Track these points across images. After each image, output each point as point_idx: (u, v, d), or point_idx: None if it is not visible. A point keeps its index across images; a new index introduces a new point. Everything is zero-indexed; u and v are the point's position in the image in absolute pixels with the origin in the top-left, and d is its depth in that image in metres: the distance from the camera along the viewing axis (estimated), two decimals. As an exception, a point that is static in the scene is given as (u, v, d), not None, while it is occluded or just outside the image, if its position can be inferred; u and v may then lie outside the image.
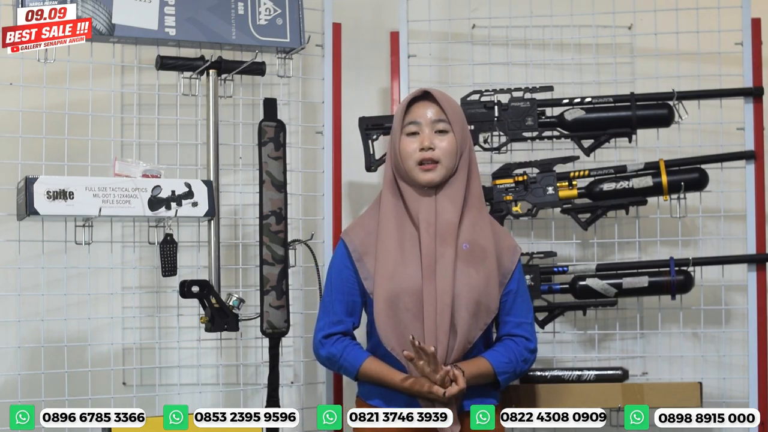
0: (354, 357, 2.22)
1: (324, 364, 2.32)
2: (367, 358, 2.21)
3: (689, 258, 2.68)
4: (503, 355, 2.23)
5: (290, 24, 2.58)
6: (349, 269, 2.25)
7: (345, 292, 2.25)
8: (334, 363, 2.25)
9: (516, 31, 2.93)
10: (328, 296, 2.28)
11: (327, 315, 2.27)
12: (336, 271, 2.27)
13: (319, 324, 2.29)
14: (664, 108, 2.68)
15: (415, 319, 2.16)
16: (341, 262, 2.27)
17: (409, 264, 2.19)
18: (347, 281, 2.25)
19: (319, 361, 2.31)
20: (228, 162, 2.69)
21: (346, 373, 2.26)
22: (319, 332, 2.27)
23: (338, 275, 2.26)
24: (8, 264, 2.56)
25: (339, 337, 2.25)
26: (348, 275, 2.25)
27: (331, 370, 2.34)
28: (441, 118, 2.23)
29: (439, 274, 2.16)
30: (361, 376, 2.23)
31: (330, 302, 2.27)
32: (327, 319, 2.26)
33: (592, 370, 2.65)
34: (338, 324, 2.25)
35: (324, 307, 2.29)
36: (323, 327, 2.27)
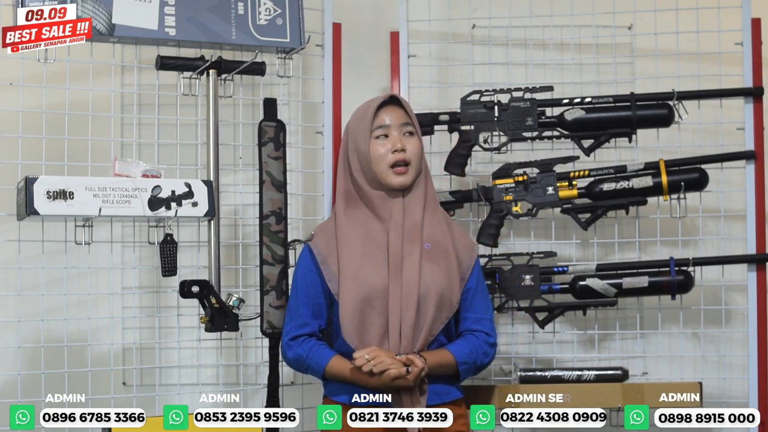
0: (320, 356, 2.26)
1: (292, 367, 2.35)
2: (333, 357, 2.25)
3: (689, 258, 2.68)
4: (464, 347, 2.29)
5: (290, 24, 2.58)
6: (314, 272, 2.29)
7: (310, 295, 2.29)
8: (302, 364, 2.29)
9: (516, 31, 2.93)
10: (294, 300, 2.32)
11: (293, 318, 2.31)
12: (301, 275, 2.32)
13: (285, 328, 2.34)
14: (664, 108, 2.68)
15: (380, 315, 2.22)
16: (306, 266, 2.31)
17: (373, 263, 2.24)
18: (312, 284, 2.29)
19: (287, 364, 2.35)
20: (228, 162, 2.69)
21: (313, 372, 2.29)
22: (286, 336, 2.32)
23: (303, 279, 2.31)
24: (8, 264, 2.55)
25: (305, 338, 2.29)
26: (312, 278, 2.29)
27: (298, 371, 2.36)
28: (407, 121, 2.31)
29: (406, 271, 2.23)
30: (327, 375, 2.26)
31: (296, 306, 2.31)
32: (293, 323, 2.31)
33: (592, 370, 2.65)
34: (304, 326, 2.29)
35: (290, 311, 2.34)
36: (289, 330, 2.31)
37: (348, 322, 2.22)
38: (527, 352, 2.85)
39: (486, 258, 2.68)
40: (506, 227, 2.82)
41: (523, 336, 2.85)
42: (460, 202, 2.72)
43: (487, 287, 2.42)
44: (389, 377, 2.14)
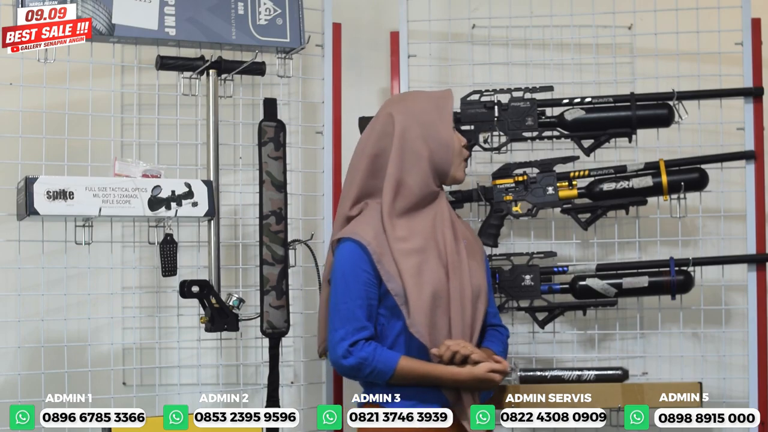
0: (387, 357, 2.13)
1: (349, 374, 2.19)
2: (401, 357, 2.14)
3: (689, 258, 2.68)
4: (498, 345, 2.30)
5: (290, 24, 2.58)
6: (368, 272, 2.15)
7: (364, 297, 2.15)
8: (365, 368, 2.13)
9: (516, 31, 2.93)
10: (346, 303, 2.15)
11: (349, 322, 2.14)
12: (353, 275, 2.15)
13: (338, 333, 2.15)
14: (664, 108, 2.68)
15: (444, 315, 2.16)
16: (357, 266, 2.16)
17: (430, 261, 2.17)
18: (367, 284, 2.15)
19: (343, 372, 2.19)
20: (228, 162, 2.69)
21: (378, 375, 2.14)
22: (343, 342, 2.14)
23: (356, 279, 2.15)
24: (8, 264, 2.55)
25: (364, 342, 2.14)
26: (366, 278, 2.15)
27: (355, 378, 2.20)
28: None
29: (463, 270, 2.19)
30: (397, 376, 2.14)
31: (350, 309, 2.14)
32: (350, 327, 2.14)
33: (592, 370, 2.65)
34: (363, 330, 2.14)
35: (342, 314, 2.15)
36: (346, 336, 2.14)
37: (420, 323, 2.12)
38: (527, 352, 2.85)
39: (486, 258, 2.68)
40: (506, 227, 2.82)
41: (523, 336, 2.85)
42: (460, 202, 2.73)
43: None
44: (483, 369, 2.12)
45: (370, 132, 2.27)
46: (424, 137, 2.21)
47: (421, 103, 2.25)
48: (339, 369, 2.18)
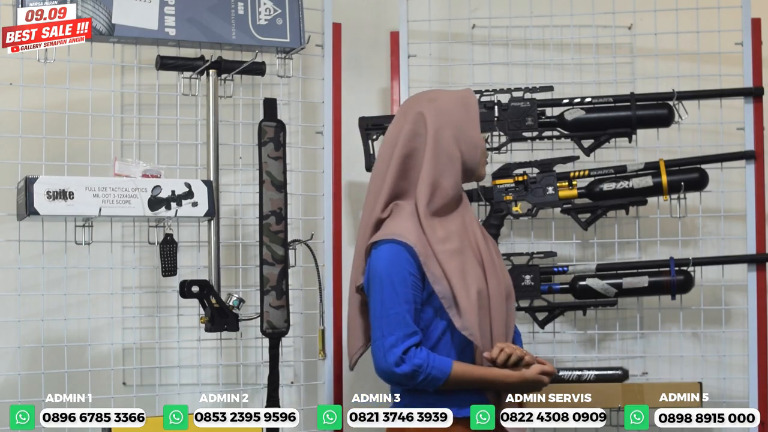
0: (441, 363, 2.07)
1: (400, 382, 2.08)
2: (453, 362, 2.08)
3: (689, 258, 2.68)
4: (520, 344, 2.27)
5: (290, 24, 2.58)
6: (414, 275, 2.09)
7: (411, 301, 2.08)
8: (419, 375, 2.05)
9: (516, 31, 2.93)
10: (394, 307, 2.06)
11: (399, 328, 2.05)
12: (400, 279, 2.07)
13: (388, 340, 2.05)
14: (664, 108, 2.68)
15: (486, 316, 2.12)
16: (404, 269, 2.07)
17: (471, 262, 2.14)
18: (414, 288, 2.08)
19: (393, 380, 2.08)
20: (228, 162, 2.69)
21: (432, 382, 2.06)
22: (395, 348, 2.05)
23: (403, 283, 2.07)
24: (8, 264, 2.55)
25: (416, 348, 2.07)
26: (413, 282, 2.08)
27: (407, 386, 2.09)
28: None
29: (497, 269, 2.17)
30: (451, 381, 2.07)
31: (399, 313, 2.05)
32: (400, 333, 2.05)
33: (592, 370, 2.65)
34: (414, 335, 2.06)
35: (391, 320, 2.06)
36: (397, 342, 2.05)
37: (472, 324, 2.07)
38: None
39: (486, 258, 2.68)
40: (506, 227, 2.82)
41: (523, 336, 2.84)
42: (460, 202, 2.72)
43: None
44: (534, 371, 2.10)
45: (399, 131, 2.18)
46: (456, 138, 2.16)
47: (450, 103, 2.19)
48: (390, 377, 2.08)
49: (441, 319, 2.12)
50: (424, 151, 2.14)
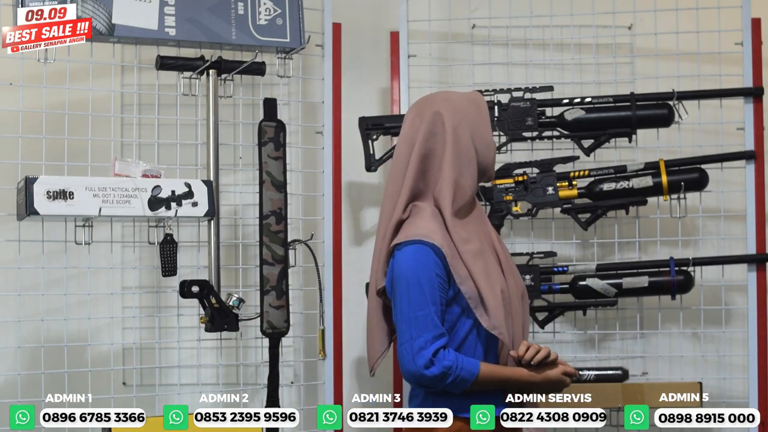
0: (470, 364, 2.05)
1: (429, 384, 2.05)
2: (480, 362, 2.07)
3: (689, 258, 2.68)
4: None
5: (290, 24, 2.58)
6: (441, 276, 2.07)
7: (438, 303, 2.06)
8: (448, 377, 2.03)
9: (516, 31, 2.93)
10: (423, 309, 2.04)
11: (427, 330, 2.03)
12: (427, 280, 2.04)
13: (417, 342, 2.03)
14: (664, 108, 2.68)
15: (509, 315, 2.12)
16: (431, 270, 2.05)
17: (492, 262, 2.13)
18: (441, 289, 2.07)
19: (422, 382, 2.06)
20: (228, 162, 2.69)
21: (461, 383, 2.04)
22: (424, 351, 2.02)
23: (430, 284, 2.04)
24: (8, 264, 2.55)
25: (443, 350, 2.05)
26: (440, 283, 2.07)
27: (435, 387, 2.06)
28: None
29: (513, 269, 2.17)
30: (480, 381, 2.06)
31: (428, 315, 2.03)
32: (430, 334, 2.03)
33: (592, 370, 2.65)
34: (442, 337, 2.04)
35: (420, 321, 2.03)
36: (426, 344, 2.03)
37: (500, 324, 2.06)
38: (527, 352, 2.85)
39: (486, 258, 2.68)
40: (506, 227, 2.82)
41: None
42: (460, 202, 2.72)
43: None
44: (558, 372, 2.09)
45: (416, 131, 2.15)
46: (472, 137, 2.14)
47: (464, 103, 2.18)
48: (419, 379, 2.05)
49: (466, 319, 2.10)
50: (444, 151, 2.12)
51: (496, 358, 2.13)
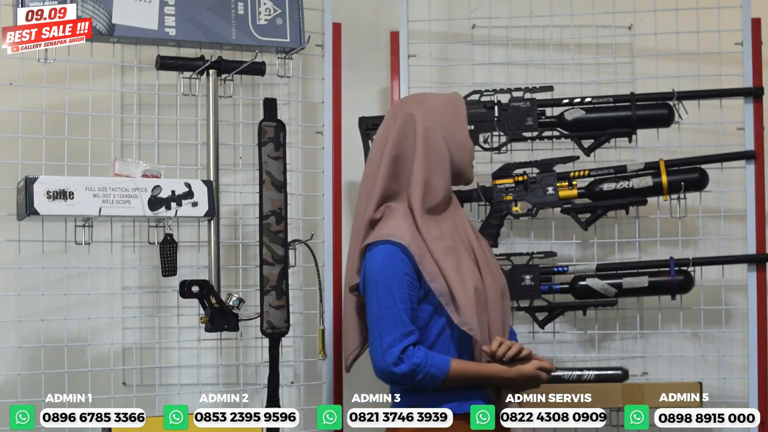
0: (440, 361, 2.09)
1: (400, 381, 2.11)
2: (451, 359, 2.11)
3: (689, 258, 2.68)
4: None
5: (290, 24, 2.58)
6: (410, 275, 2.12)
7: (407, 300, 2.11)
8: (418, 374, 2.08)
9: (516, 31, 2.93)
10: (391, 307, 2.09)
11: (396, 328, 2.08)
12: (395, 279, 2.10)
13: (386, 340, 2.08)
14: (664, 108, 2.68)
15: (484, 312, 2.15)
16: (399, 269, 2.11)
17: (465, 259, 2.17)
18: (410, 287, 2.12)
19: (392, 380, 2.11)
20: (228, 162, 2.69)
21: (431, 380, 2.09)
22: (393, 348, 2.08)
23: (399, 283, 2.10)
24: (8, 264, 2.55)
25: (413, 347, 2.09)
26: (409, 282, 2.12)
27: (405, 385, 2.12)
28: None
29: (491, 266, 2.20)
30: (450, 378, 2.10)
31: (396, 313, 2.09)
32: (397, 333, 2.08)
33: (592, 370, 2.65)
34: (411, 335, 2.09)
35: (388, 320, 2.09)
36: (394, 342, 2.08)
37: (471, 320, 2.09)
38: (527, 352, 2.85)
39: (486, 258, 2.68)
40: (506, 227, 2.82)
41: (523, 336, 2.84)
42: (460, 202, 2.71)
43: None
44: (532, 367, 2.12)
45: (389, 133, 2.22)
46: (445, 139, 2.20)
47: (439, 104, 2.23)
48: (389, 377, 2.11)
49: (439, 317, 2.14)
50: (415, 152, 2.18)
51: (470, 355, 2.15)
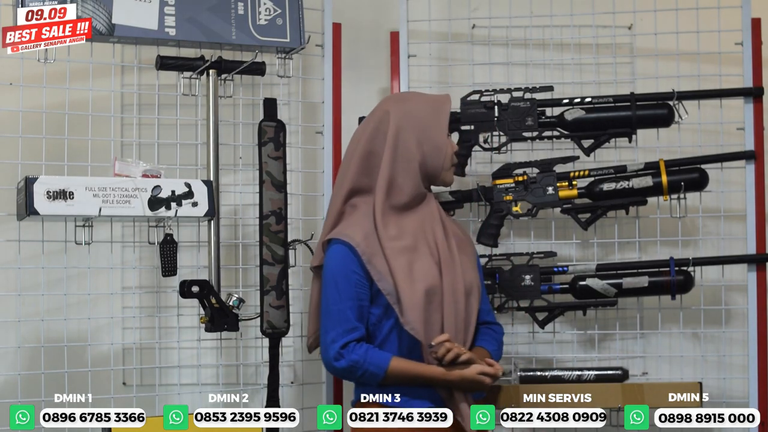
0: (379, 358, 2.15)
1: (342, 376, 2.23)
2: (392, 358, 2.15)
3: (689, 258, 2.68)
4: (493, 344, 2.32)
5: (290, 24, 2.58)
6: (358, 273, 2.18)
7: (355, 298, 2.18)
8: (357, 369, 2.16)
9: (516, 31, 2.93)
10: (336, 304, 2.18)
11: (339, 324, 2.17)
12: (342, 277, 2.18)
13: (330, 335, 2.17)
14: (664, 108, 2.68)
15: (437, 311, 2.17)
16: (347, 267, 2.19)
17: (422, 258, 2.19)
18: (357, 286, 2.18)
19: (336, 373, 2.23)
20: (228, 162, 2.69)
21: (370, 377, 2.16)
22: (334, 344, 2.16)
23: (346, 281, 2.18)
24: (8, 264, 2.55)
25: (355, 343, 2.16)
26: (357, 280, 2.18)
27: (349, 380, 2.24)
28: None
29: (455, 266, 2.21)
30: (389, 377, 2.15)
31: (340, 310, 2.17)
32: (340, 329, 2.16)
33: (592, 370, 2.65)
34: (353, 331, 2.17)
35: (333, 316, 2.18)
36: (337, 338, 2.16)
37: (414, 319, 2.13)
38: (527, 352, 2.85)
39: (486, 258, 2.68)
40: (506, 227, 2.82)
41: (523, 336, 2.85)
42: (460, 202, 2.72)
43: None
44: (473, 372, 2.14)
45: (365, 128, 2.30)
46: (418, 140, 2.24)
47: (419, 105, 2.28)
48: (331, 371, 2.22)
49: (389, 317, 2.19)
50: (384, 150, 2.24)
51: (419, 355, 2.18)
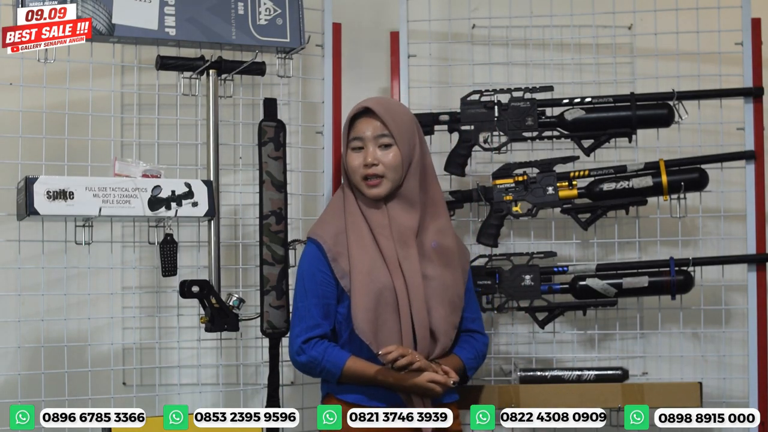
0: (336, 357, 2.20)
1: (303, 371, 2.28)
2: (349, 357, 2.20)
3: (689, 258, 2.68)
4: (469, 351, 2.33)
5: (290, 24, 2.58)
6: (323, 272, 2.24)
7: (320, 296, 2.23)
8: (316, 366, 2.22)
9: (516, 31, 2.93)
10: (303, 300, 2.25)
11: (303, 320, 2.24)
12: (309, 274, 2.25)
13: (295, 331, 2.26)
14: (664, 108, 2.68)
15: (393, 313, 2.20)
16: (313, 266, 2.25)
17: (379, 263, 2.23)
18: (322, 284, 2.24)
19: (299, 369, 2.28)
20: (228, 162, 2.69)
21: (327, 375, 2.23)
22: (297, 338, 2.24)
23: (312, 279, 2.24)
24: (8, 264, 2.55)
25: (317, 340, 2.23)
26: (322, 278, 2.24)
27: (310, 375, 2.30)
28: (383, 133, 2.26)
29: (408, 273, 2.21)
30: (345, 376, 2.20)
31: (305, 307, 2.25)
32: (304, 325, 2.24)
33: (592, 370, 2.65)
34: (316, 328, 2.23)
35: (299, 313, 2.26)
36: (300, 333, 2.24)
37: (362, 319, 2.17)
38: (527, 352, 2.85)
39: (486, 258, 2.68)
40: (506, 227, 2.82)
41: (523, 336, 2.85)
42: (460, 202, 2.72)
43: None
44: (423, 379, 2.14)
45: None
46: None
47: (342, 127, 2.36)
48: (295, 365, 2.28)
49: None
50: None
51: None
